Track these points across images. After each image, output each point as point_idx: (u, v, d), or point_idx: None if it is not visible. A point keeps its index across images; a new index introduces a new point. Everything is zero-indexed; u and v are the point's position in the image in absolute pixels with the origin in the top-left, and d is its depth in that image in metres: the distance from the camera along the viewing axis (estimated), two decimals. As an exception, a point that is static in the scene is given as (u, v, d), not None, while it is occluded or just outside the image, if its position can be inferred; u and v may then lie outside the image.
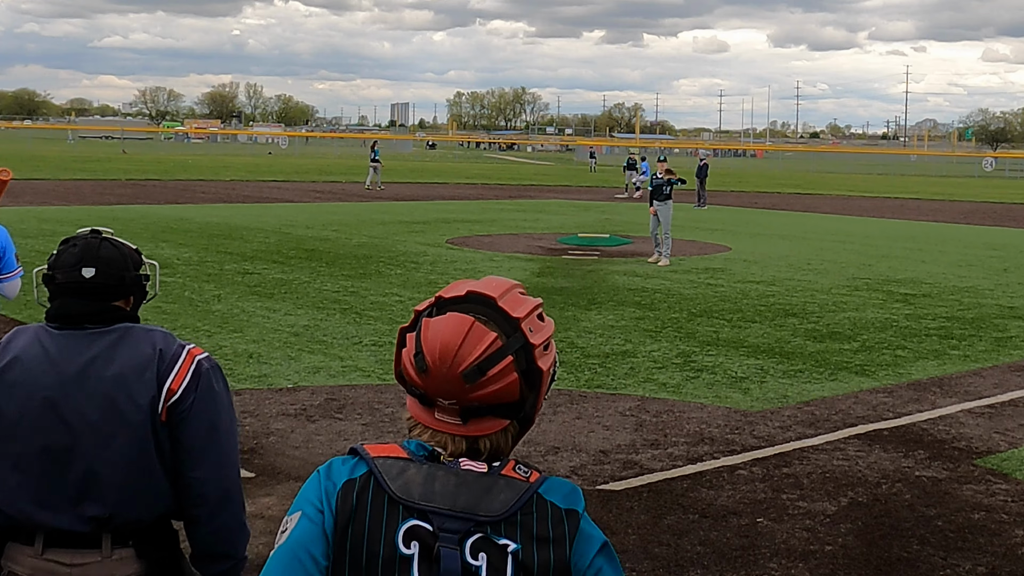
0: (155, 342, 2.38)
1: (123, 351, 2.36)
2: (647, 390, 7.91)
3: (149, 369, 2.35)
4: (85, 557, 2.32)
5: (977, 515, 5.43)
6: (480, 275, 9.07)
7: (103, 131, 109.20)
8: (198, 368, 2.38)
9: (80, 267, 2.40)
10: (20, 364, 2.39)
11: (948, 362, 9.26)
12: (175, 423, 2.35)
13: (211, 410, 2.37)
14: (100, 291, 2.41)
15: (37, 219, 20.83)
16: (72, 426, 2.33)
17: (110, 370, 2.34)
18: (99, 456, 2.33)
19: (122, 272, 2.45)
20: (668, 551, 4.84)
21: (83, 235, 2.50)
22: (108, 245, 2.46)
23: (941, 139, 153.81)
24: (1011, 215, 32.18)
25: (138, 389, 2.33)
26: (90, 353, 2.36)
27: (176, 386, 2.34)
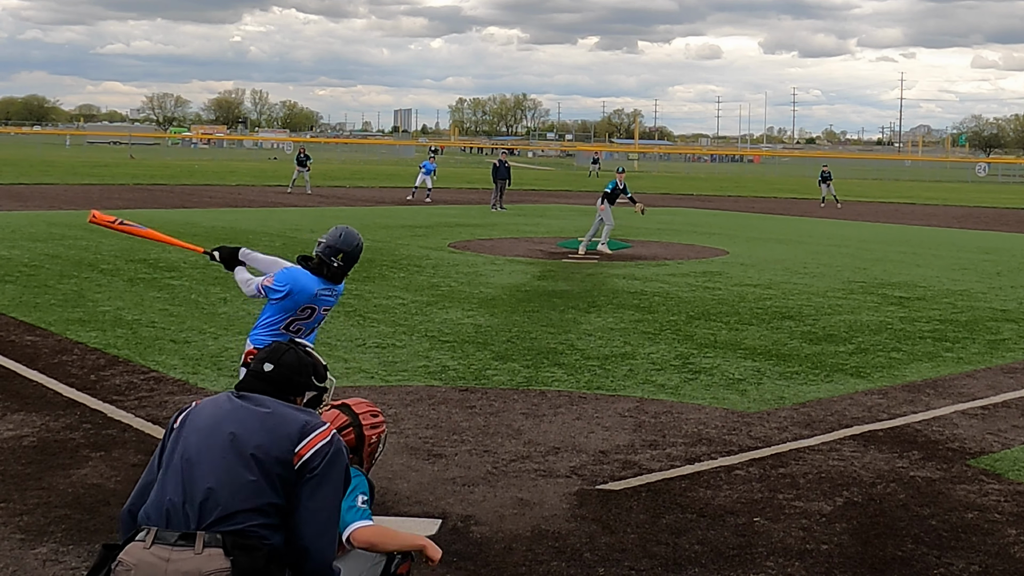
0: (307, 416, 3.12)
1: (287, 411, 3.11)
2: (646, 391, 8.00)
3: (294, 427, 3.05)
4: (182, 553, 2.87)
5: (970, 515, 5.50)
6: (483, 279, 9.19)
7: (111, 136, 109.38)
8: (331, 445, 3.05)
9: (264, 362, 3.23)
10: (206, 407, 3.15)
11: (942, 364, 9.36)
12: (301, 479, 3.00)
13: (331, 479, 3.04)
14: (274, 383, 3.20)
15: (46, 223, 20.93)
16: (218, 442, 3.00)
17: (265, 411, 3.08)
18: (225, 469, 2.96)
19: (293, 375, 3.22)
20: (666, 550, 4.92)
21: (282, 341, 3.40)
22: (292, 352, 3.28)
23: (935, 145, 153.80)
24: (1004, 219, 32.28)
25: (280, 431, 3.03)
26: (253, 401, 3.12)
27: (306, 451, 3.01)
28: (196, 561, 2.86)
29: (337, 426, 3.80)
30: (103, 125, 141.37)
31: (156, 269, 14.26)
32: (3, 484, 5.58)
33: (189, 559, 2.86)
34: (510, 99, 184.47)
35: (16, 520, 5.07)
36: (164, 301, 11.60)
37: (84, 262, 14.76)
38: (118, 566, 2.92)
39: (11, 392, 7.55)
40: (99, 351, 8.96)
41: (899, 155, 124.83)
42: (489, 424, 6.99)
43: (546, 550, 4.89)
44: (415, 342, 9.65)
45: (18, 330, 9.82)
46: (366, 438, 3.90)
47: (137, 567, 2.88)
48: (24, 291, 12.08)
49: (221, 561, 2.86)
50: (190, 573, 2.85)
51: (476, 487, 5.73)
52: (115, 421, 6.85)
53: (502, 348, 9.45)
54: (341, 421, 3.85)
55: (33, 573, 4.48)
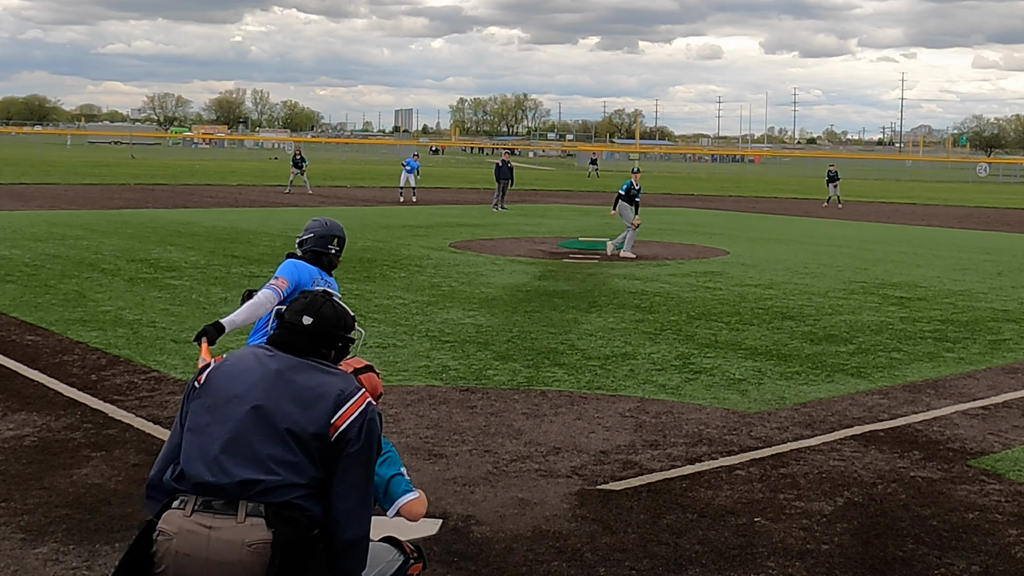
0: (343, 383, 3.02)
1: (321, 377, 3.02)
2: (647, 391, 8.00)
3: (330, 397, 2.97)
4: (224, 521, 2.83)
5: (971, 515, 5.50)
6: (483, 279, 9.19)
7: (112, 136, 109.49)
8: (366, 413, 3.00)
9: (303, 314, 3.12)
10: (240, 361, 3.07)
11: (943, 364, 9.36)
12: (338, 450, 2.94)
13: (366, 448, 2.98)
14: (312, 337, 3.10)
15: (47, 223, 20.95)
16: (254, 409, 2.93)
17: (301, 381, 2.98)
18: (261, 432, 2.91)
19: (331, 328, 3.14)
20: (667, 550, 4.92)
21: (315, 291, 3.24)
22: (329, 304, 3.18)
23: (936, 145, 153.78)
24: (1004, 220, 32.29)
25: (316, 404, 2.95)
26: (292, 364, 3.03)
27: (344, 419, 2.95)
28: (239, 530, 2.82)
29: (359, 366, 3.79)
30: (104, 125, 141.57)
31: (157, 269, 14.27)
32: (4, 484, 5.59)
33: (232, 528, 2.82)
34: (511, 99, 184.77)
35: (17, 520, 5.08)
36: (165, 301, 11.61)
37: (85, 262, 14.77)
38: (159, 536, 2.87)
39: (12, 392, 7.55)
40: (100, 351, 8.97)
41: (900, 155, 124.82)
42: (490, 424, 6.99)
43: (547, 550, 4.89)
44: (416, 342, 9.65)
45: (19, 330, 9.83)
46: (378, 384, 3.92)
47: (178, 535, 2.84)
48: (25, 291, 12.09)
49: (263, 532, 2.82)
50: (233, 542, 2.81)
51: (477, 487, 5.73)
52: (116, 421, 6.86)
53: (503, 348, 9.46)
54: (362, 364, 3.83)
55: (34, 573, 4.49)
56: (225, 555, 2.81)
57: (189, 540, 2.83)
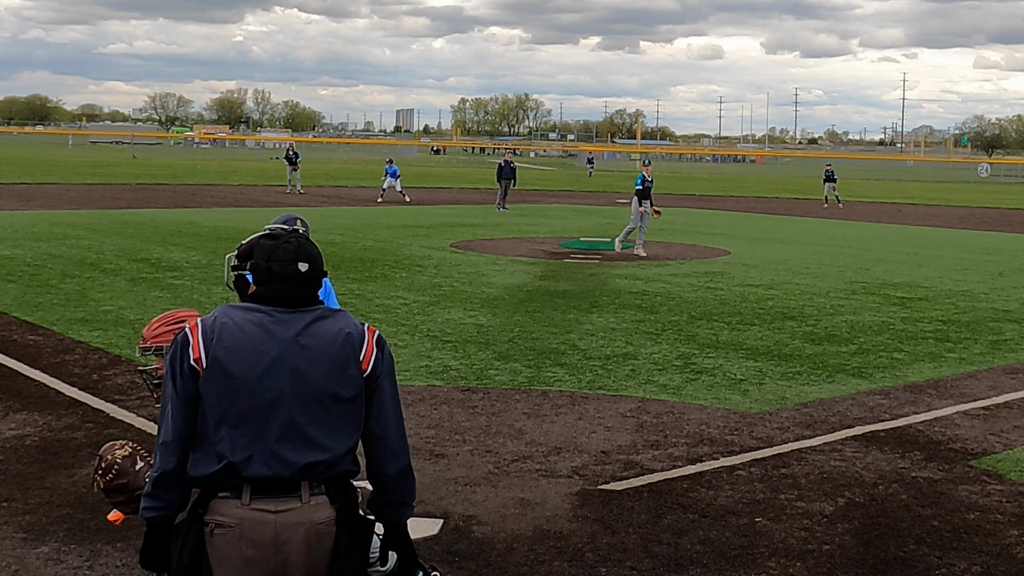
0: (346, 322, 2.87)
1: (327, 325, 2.82)
2: (648, 392, 8.01)
3: (348, 343, 2.81)
4: (288, 504, 2.68)
5: (972, 515, 5.50)
6: (484, 279, 9.17)
7: (114, 136, 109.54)
8: (379, 341, 2.88)
9: (297, 262, 2.84)
10: (243, 333, 2.76)
11: (944, 365, 9.36)
12: (370, 387, 2.83)
13: (390, 374, 2.89)
14: (311, 283, 2.88)
15: (49, 223, 20.97)
16: (287, 382, 2.73)
17: (318, 339, 2.78)
18: (304, 409, 2.73)
19: (320, 267, 2.93)
20: (668, 550, 4.92)
21: (288, 231, 2.96)
22: (310, 243, 2.95)
23: (937, 145, 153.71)
24: (1006, 220, 32.28)
25: (341, 355, 2.79)
26: (301, 325, 2.80)
27: (368, 356, 2.82)
28: (305, 511, 2.69)
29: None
30: (106, 125, 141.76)
31: (158, 269, 14.28)
32: (5, 483, 5.60)
33: (298, 510, 2.69)
34: (512, 99, 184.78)
35: (18, 519, 5.08)
36: (166, 301, 11.61)
37: (86, 262, 14.78)
38: (216, 528, 2.68)
39: (13, 392, 7.56)
40: (101, 351, 8.98)
41: (901, 155, 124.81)
42: (491, 424, 6.99)
43: (548, 550, 4.89)
44: (417, 342, 9.66)
45: (20, 329, 9.84)
46: None
47: (241, 524, 2.67)
48: (26, 291, 12.10)
49: (328, 510, 2.72)
50: (300, 524, 2.69)
51: (478, 487, 5.74)
52: (117, 421, 6.86)
53: (504, 348, 9.46)
54: None
55: (35, 572, 4.49)
56: (295, 538, 2.68)
57: (255, 529, 2.67)
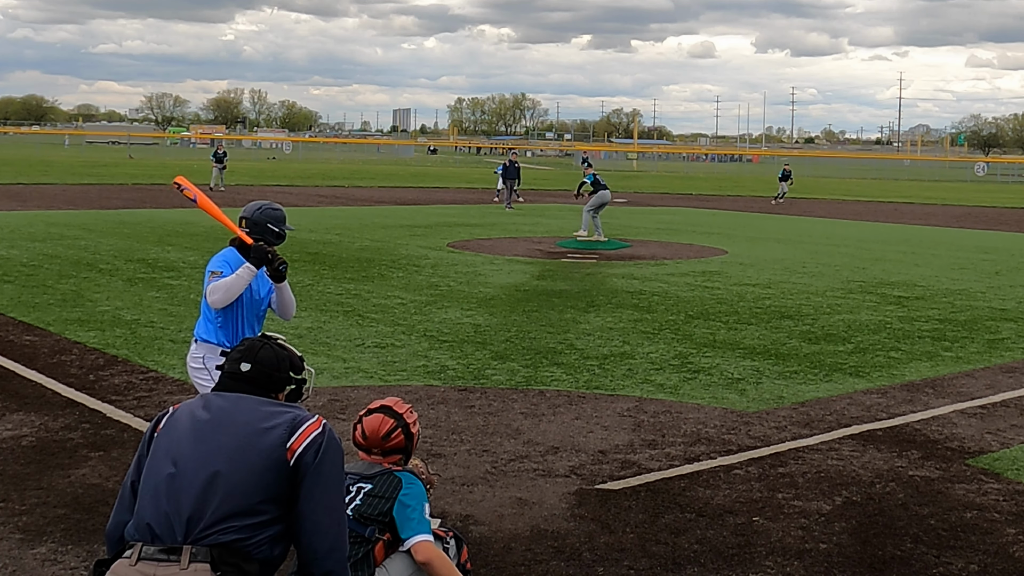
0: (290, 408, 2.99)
1: (266, 405, 2.99)
2: (645, 391, 8.01)
3: (282, 420, 2.94)
4: (167, 568, 2.78)
5: (969, 514, 5.51)
6: (481, 278, 9.19)
7: (110, 136, 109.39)
8: (318, 439, 2.93)
9: (240, 361, 3.08)
10: (184, 413, 3.01)
11: (941, 363, 9.37)
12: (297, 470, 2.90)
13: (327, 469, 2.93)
14: (254, 382, 3.06)
15: (45, 223, 20.93)
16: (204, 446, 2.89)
17: (251, 417, 2.94)
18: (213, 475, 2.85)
19: (272, 372, 3.09)
20: (666, 549, 4.93)
21: (254, 338, 3.19)
22: (268, 348, 3.13)
23: (934, 144, 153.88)
24: (1003, 219, 32.32)
25: (267, 430, 2.88)
26: (237, 401, 2.99)
27: (298, 445, 2.91)
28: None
29: (385, 431, 3.82)
30: (102, 125, 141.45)
31: (155, 269, 14.26)
32: (2, 484, 5.58)
33: (175, 575, 2.77)
34: (509, 99, 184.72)
35: (15, 520, 5.07)
36: (163, 301, 11.60)
37: (83, 262, 14.76)
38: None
39: (10, 392, 7.55)
40: (98, 351, 8.96)
41: (898, 155, 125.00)
42: (488, 424, 6.99)
43: (545, 549, 4.89)
44: (414, 342, 9.65)
45: (17, 330, 9.82)
46: (414, 436, 3.93)
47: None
48: (23, 291, 12.08)
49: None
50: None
51: (475, 487, 5.73)
52: (114, 421, 6.85)
53: (501, 348, 9.46)
54: (388, 425, 3.85)
55: (32, 573, 4.48)
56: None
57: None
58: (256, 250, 5.00)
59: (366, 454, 3.87)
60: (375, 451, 3.85)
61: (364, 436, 3.85)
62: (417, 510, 3.66)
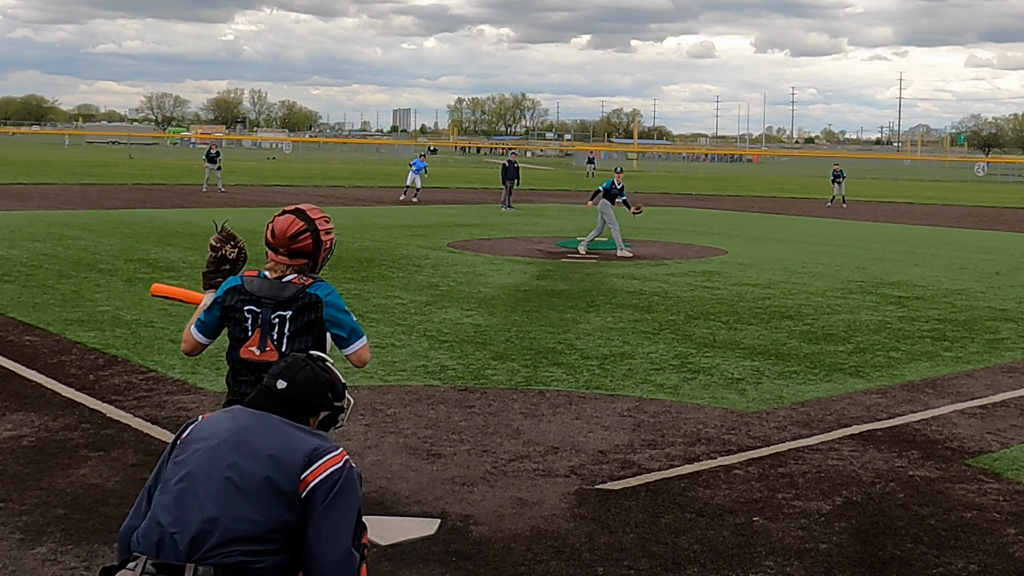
0: (313, 436, 2.89)
1: (288, 429, 2.89)
2: (645, 391, 8.01)
3: (301, 448, 2.83)
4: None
5: (969, 514, 5.51)
6: (481, 278, 9.16)
7: (110, 136, 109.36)
8: (342, 467, 2.84)
9: (278, 378, 2.98)
10: (208, 425, 2.94)
11: (941, 363, 9.37)
12: (309, 503, 2.79)
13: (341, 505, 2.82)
14: (288, 402, 2.96)
15: (45, 223, 20.93)
16: (219, 461, 2.81)
17: (271, 439, 2.84)
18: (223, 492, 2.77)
19: (309, 395, 2.98)
20: (665, 549, 4.93)
21: (299, 355, 3.09)
22: (309, 369, 3.02)
23: (934, 144, 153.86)
24: (1003, 219, 32.32)
25: (284, 456, 2.81)
26: (262, 420, 2.90)
27: (312, 478, 2.80)
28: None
29: (294, 231, 3.82)
30: (102, 125, 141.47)
31: (155, 269, 14.26)
32: (2, 484, 5.58)
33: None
34: (509, 99, 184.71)
35: (15, 520, 5.07)
36: (162, 301, 11.59)
37: (83, 262, 14.76)
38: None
39: (10, 392, 7.55)
40: (98, 351, 8.96)
41: (898, 155, 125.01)
42: (488, 424, 6.99)
43: (545, 550, 4.89)
44: (414, 342, 9.65)
45: (17, 330, 9.82)
46: (323, 243, 3.94)
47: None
48: (23, 291, 12.08)
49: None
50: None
51: (475, 487, 5.73)
52: (114, 421, 6.85)
53: (501, 348, 9.46)
54: (298, 227, 3.84)
55: (32, 573, 4.48)
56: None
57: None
58: None
59: (273, 253, 3.85)
60: (281, 251, 3.83)
61: (273, 235, 3.83)
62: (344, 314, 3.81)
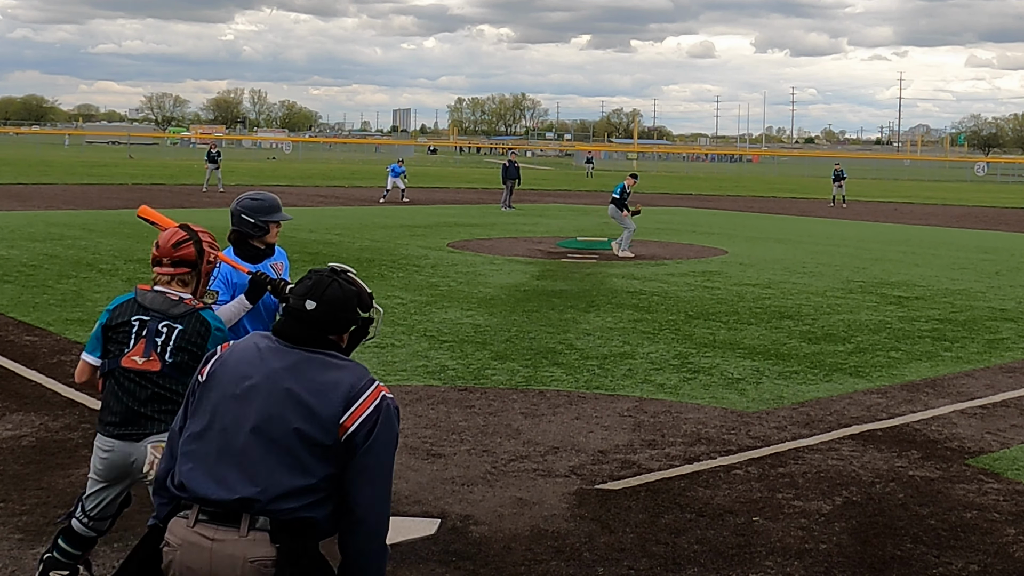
0: (348, 376, 2.79)
1: (324, 371, 2.78)
2: (645, 391, 8.01)
3: (336, 393, 2.74)
4: (226, 534, 2.67)
5: (969, 514, 5.51)
6: (481, 278, 9.16)
7: (110, 136, 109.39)
8: (378, 408, 2.76)
9: (305, 299, 2.83)
10: (242, 357, 2.84)
11: (941, 363, 9.37)
12: (349, 450, 2.74)
13: (382, 445, 2.76)
14: (318, 323, 2.83)
15: (45, 223, 20.93)
16: (255, 414, 2.73)
17: (307, 383, 2.75)
18: (259, 442, 2.71)
19: (339, 312, 2.85)
20: (666, 549, 4.93)
21: (322, 270, 2.92)
22: (336, 285, 2.87)
23: (934, 144, 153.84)
24: (1003, 219, 32.31)
25: (320, 404, 2.72)
26: (291, 361, 2.79)
27: (351, 422, 2.73)
28: (242, 545, 2.67)
29: (176, 240, 3.97)
30: (102, 125, 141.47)
31: (155, 269, 14.26)
32: (2, 484, 5.59)
33: (235, 542, 2.67)
34: (509, 99, 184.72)
35: (15, 520, 5.07)
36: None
37: (83, 262, 14.76)
38: (165, 546, 2.75)
39: (10, 392, 7.55)
40: (98, 351, 8.95)
41: (898, 155, 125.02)
42: (488, 424, 6.99)
43: (545, 549, 4.89)
44: (414, 342, 9.65)
45: (17, 330, 9.82)
46: (205, 253, 4.05)
47: (182, 547, 2.71)
48: (23, 291, 12.08)
49: (267, 547, 2.67)
50: (235, 556, 2.67)
51: (475, 487, 5.73)
52: (114, 421, 6.85)
53: (501, 348, 9.46)
54: (180, 236, 4.02)
55: (32, 573, 4.48)
56: (227, 570, 2.68)
57: (192, 553, 2.70)
58: (254, 285, 4.58)
59: (158, 266, 3.97)
60: (165, 260, 3.96)
61: (157, 246, 3.99)
62: None
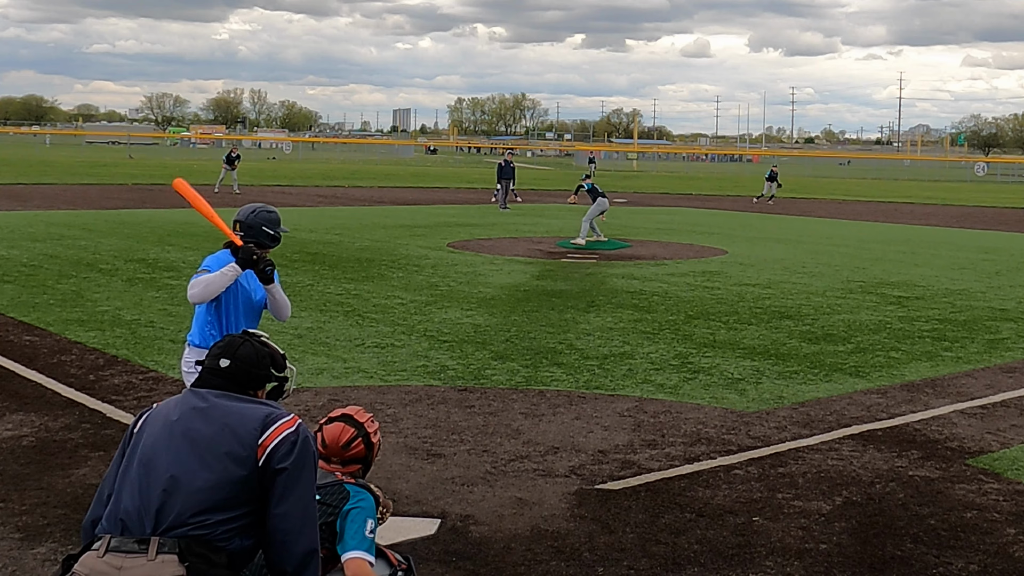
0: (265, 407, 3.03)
1: (239, 402, 3.03)
2: (645, 391, 8.01)
3: (255, 416, 2.96)
4: (134, 560, 2.79)
5: (969, 514, 5.52)
6: (481, 278, 9.19)
7: (110, 136, 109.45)
8: (291, 437, 2.95)
9: (219, 358, 3.10)
10: (162, 409, 3.07)
11: (941, 363, 9.37)
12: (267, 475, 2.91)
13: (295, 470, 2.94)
14: (233, 378, 3.09)
15: (45, 223, 20.93)
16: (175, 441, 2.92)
17: (224, 412, 2.98)
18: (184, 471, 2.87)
19: (252, 369, 3.12)
20: (666, 549, 4.93)
21: (235, 334, 3.22)
22: (248, 344, 3.16)
23: (934, 144, 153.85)
24: (1003, 219, 32.31)
25: (240, 425, 2.94)
26: (213, 399, 3.01)
27: (269, 442, 2.92)
28: (148, 568, 2.76)
29: (345, 439, 3.74)
30: (102, 125, 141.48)
31: (155, 269, 14.26)
32: (2, 484, 5.59)
33: (141, 566, 2.76)
34: (509, 99, 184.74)
35: (15, 520, 5.08)
36: (163, 301, 11.60)
37: (83, 262, 14.76)
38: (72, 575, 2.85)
39: (10, 392, 7.55)
40: (98, 351, 8.96)
41: (898, 155, 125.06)
42: (488, 424, 6.99)
43: (545, 550, 4.89)
44: (414, 342, 9.65)
45: (17, 330, 9.82)
46: (374, 446, 3.86)
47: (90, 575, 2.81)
48: (23, 291, 12.08)
49: (175, 568, 2.76)
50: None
51: (475, 487, 5.73)
52: (114, 421, 6.85)
53: (501, 348, 9.46)
54: (349, 434, 3.77)
55: (32, 573, 4.48)
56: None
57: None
58: (244, 251, 5.05)
59: (325, 463, 3.75)
60: (334, 460, 3.74)
61: (324, 444, 3.74)
62: (360, 525, 3.48)
